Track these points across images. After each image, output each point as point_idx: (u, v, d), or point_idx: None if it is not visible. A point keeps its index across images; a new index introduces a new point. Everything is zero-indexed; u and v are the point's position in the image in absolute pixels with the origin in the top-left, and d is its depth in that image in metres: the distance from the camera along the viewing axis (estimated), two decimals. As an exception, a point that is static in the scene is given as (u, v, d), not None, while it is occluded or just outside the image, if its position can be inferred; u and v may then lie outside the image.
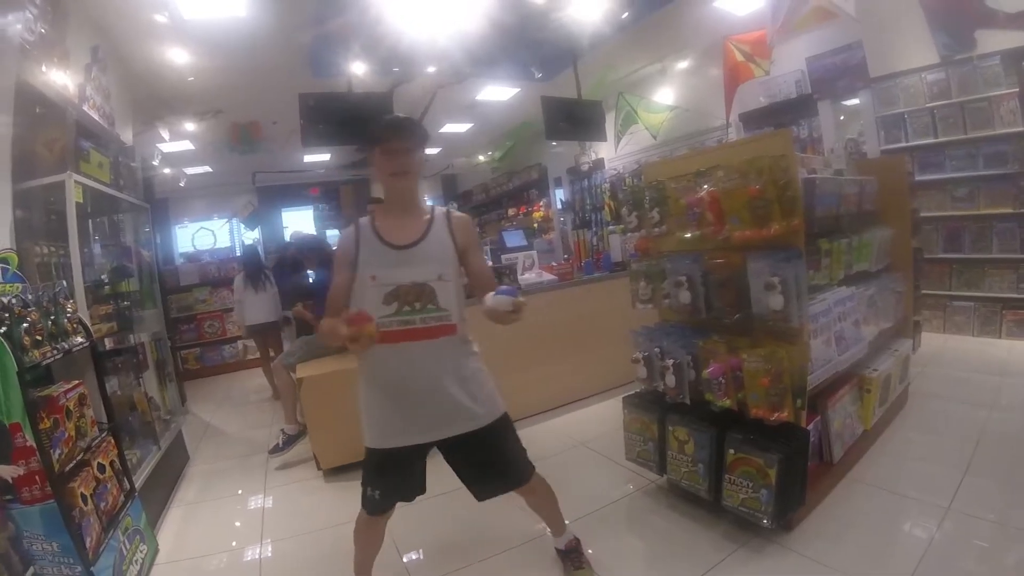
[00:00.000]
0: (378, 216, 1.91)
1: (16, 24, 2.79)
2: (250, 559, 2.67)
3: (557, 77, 6.48)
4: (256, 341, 6.13)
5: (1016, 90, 4.45)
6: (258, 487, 3.51)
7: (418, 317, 1.77)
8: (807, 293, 2.18)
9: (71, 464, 2.12)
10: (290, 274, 5.29)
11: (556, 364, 4.25)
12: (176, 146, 7.08)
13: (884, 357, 3.06)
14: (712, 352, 2.31)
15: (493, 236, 8.51)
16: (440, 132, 8.69)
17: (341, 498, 3.20)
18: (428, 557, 2.27)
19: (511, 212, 11.61)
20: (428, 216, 1.90)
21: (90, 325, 2.71)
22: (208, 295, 7.99)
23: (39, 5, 3.01)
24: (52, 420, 2.04)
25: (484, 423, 1.89)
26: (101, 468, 2.35)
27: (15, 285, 2.30)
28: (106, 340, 3.23)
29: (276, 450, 3.79)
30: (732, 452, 2.26)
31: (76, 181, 2.94)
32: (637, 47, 6.40)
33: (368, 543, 2.07)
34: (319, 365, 3.68)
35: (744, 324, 2.26)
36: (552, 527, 2.24)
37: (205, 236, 10.24)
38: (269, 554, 2.71)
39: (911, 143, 5.14)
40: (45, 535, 1.98)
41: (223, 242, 10.31)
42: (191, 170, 8.50)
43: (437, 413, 1.83)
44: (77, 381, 2.33)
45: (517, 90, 7.32)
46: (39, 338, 2.12)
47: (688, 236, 2.36)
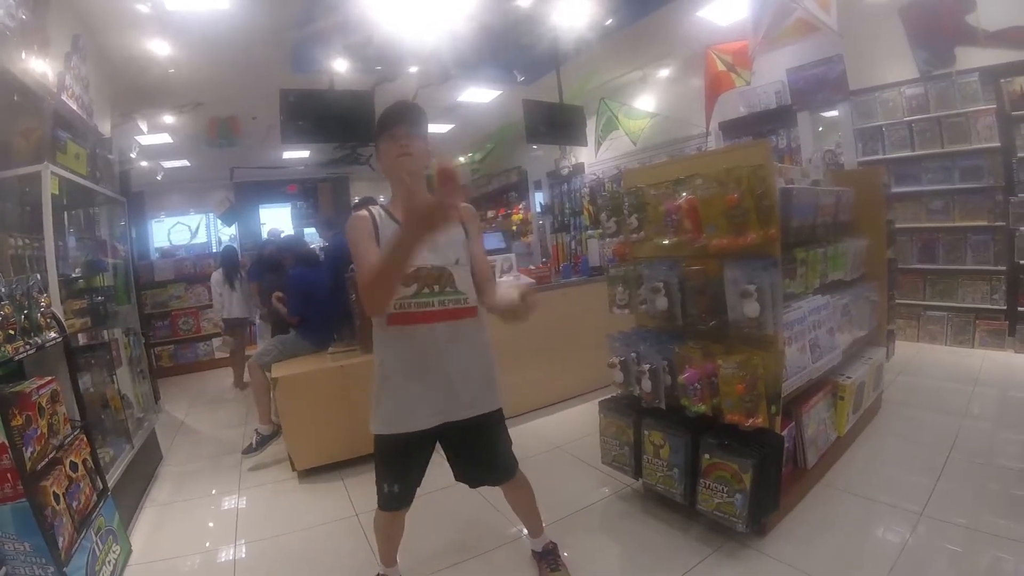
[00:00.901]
0: (392, 203, 1.93)
1: (-3, 9, 2.73)
2: (224, 560, 2.63)
3: (539, 81, 6.50)
4: (232, 335, 6.35)
5: (993, 106, 4.57)
6: (232, 488, 3.46)
7: (436, 299, 1.78)
8: (782, 301, 2.21)
9: (43, 462, 2.07)
10: (268, 273, 5.31)
11: (533, 368, 4.25)
12: (154, 139, 6.97)
13: (858, 365, 3.10)
14: (688, 358, 2.33)
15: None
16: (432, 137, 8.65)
17: (315, 500, 3.18)
18: (402, 563, 2.25)
19: (490, 214, 11.62)
20: None
21: (64, 320, 2.65)
22: (183, 292, 7.88)
23: (21, -10, 2.95)
24: (24, 417, 1.99)
25: (490, 409, 1.93)
26: (74, 467, 2.30)
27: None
28: (79, 336, 3.17)
29: (250, 450, 3.73)
30: (707, 457, 2.28)
31: (52, 172, 2.88)
32: (620, 54, 6.45)
33: (392, 536, 2.09)
34: (294, 365, 3.65)
35: (720, 331, 2.28)
36: (530, 527, 2.24)
37: (181, 231, 10.09)
38: (243, 555, 2.66)
39: (888, 155, 5.25)
40: (17, 535, 1.93)
41: (200, 238, 10.18)
42: (168, 164, 8.38)
43: (453, 394, 1.83)
44: (50, 377, 2.27)
45: (499, 93, 7.33)
46: (12, 332, 2.07)
47: (666, 243, 2.38)
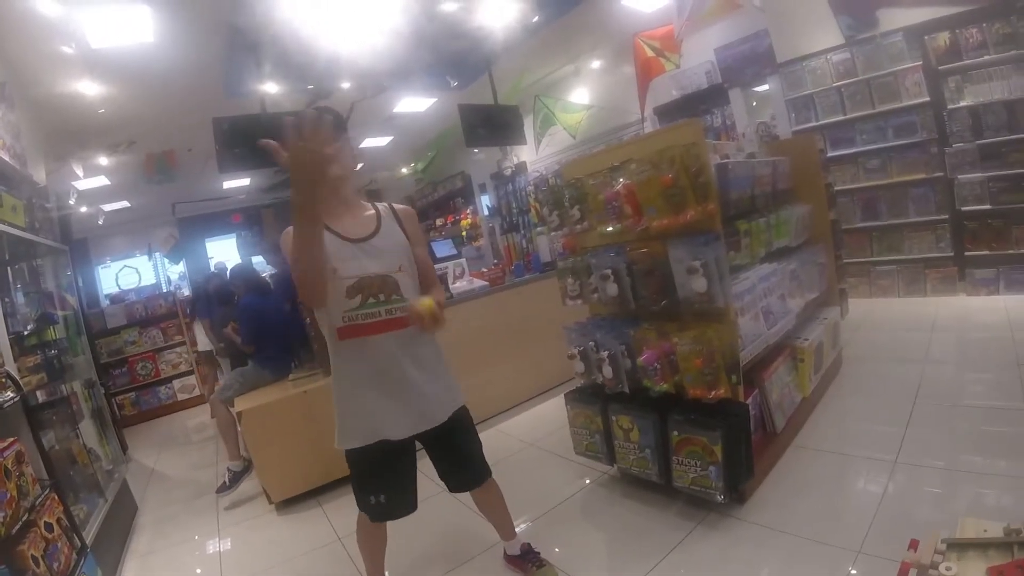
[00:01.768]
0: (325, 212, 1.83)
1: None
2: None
3: (473, 84, 6.52)
4: (208, 366, 6.37)
5: (919, 63, 4.75)
6: (211, 529, 3.38)
7: (383, 308, 1.74)
8: (729, 273, 2.25)
9: (17, 526, 1.99)
10: (217, 307, 5.25)
11: (496, 368, 4.26)
12: (91, 183, 6.77)
13: (814, 326, 3.19)
14: (644, 340, 2.36)
15: (421, 247, 8.51)
16: (360, 147, 8.59)
17: (296, 530, 3.14)
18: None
19: (439, 222, 11.58)
20: (372, 210, 1.88)
21: (19, 378, 2.56)
22: (137, 336, 7.63)
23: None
24: (-9, 482, 1.91)
25: (456, 407, 1.92)
26: (48, 527, 2.22)
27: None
28: (37, 393, 3.06)
29: (223, 489, 3.65)
30: (676, 434, 2.31)
31: (-9, 228, 2.79)
32: (550, 49, 6.52)
33: (376, 547, 2.06)
34: (257, 396, 3.59)
35: (672, 309, 2.32)
36: (503, 531, 2.23)
37: (129, 274, 9.85)
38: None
39: (821, 122, 5.42)
40: (-1, 603, 1.86)
41: (148, 279, 9.95)
42: (108, 206, 8.12)
43: (418, 403, 1.80)
44: (12, 439, 2.19)
45: (434, 100, 7.33)
46: (-33, 395, 1.99)
47: (609, 230, 2.41)
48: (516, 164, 9.12)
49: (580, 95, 7.69)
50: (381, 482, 1.86)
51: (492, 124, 6.23)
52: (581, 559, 2.28)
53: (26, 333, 3.24)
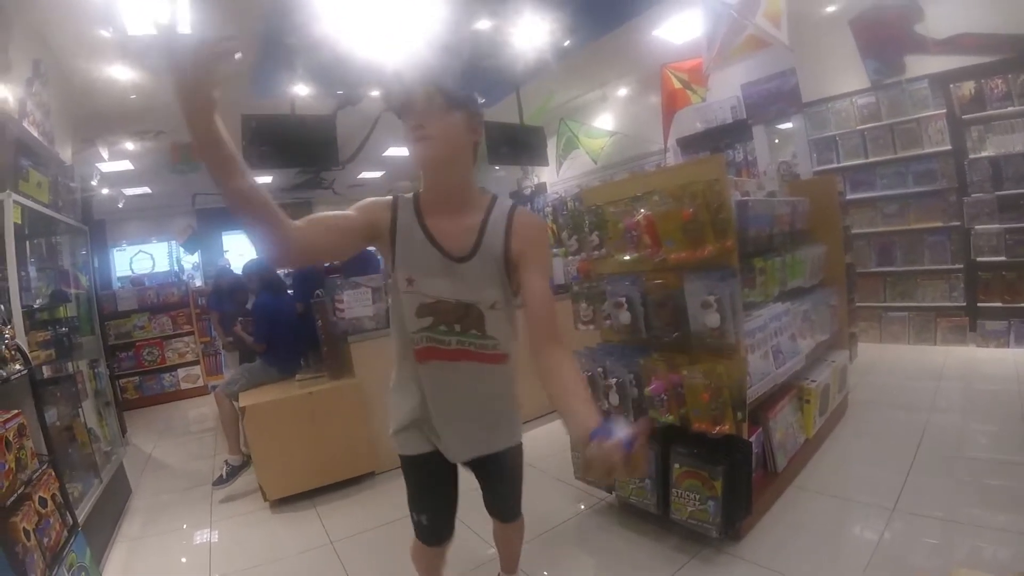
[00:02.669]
0: (423, 202, 1.47)
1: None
2: (196, 596, 2.57)
3: (500, 103, 6.59)
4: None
5: (943, 111, 4.76)
6: (203, 521, 3.38)
7: (455, 339, 1.47)
8: (743, 310, 2.26)
9: (12, 498, 2.00)
10: (227, 302, 5.26)
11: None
12: (115, 166, 6.87)
13: (822, 368, 3.18)
14: (653, 370, 2.37)
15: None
16: (384, 155, 8.66)
17: (288, 530, 3.13)
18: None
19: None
20: (484, 215, 1.46)
21: (28, 352, 2.59)
22: (147, 322, 7.64)
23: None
24: (-9, 452, 1.93)
25: (507, 447, 1.72)
26: (43, 502, 2.23)
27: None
28: (44, 368, 3.10)
29: (220, 482, 3.66)
30: (678, 466, 2.32)
31: (15, 201, 2.85)
32: (578, 74, 6.60)
33: (430, 571, 1.85)
34: (262, 393, 3.60)
35: (683, 342, 2.33)
36: (506, 565, 2.11)
37: (144, 259, 9.94)
38: (216, 590, 2.61)
39: (842, 164, 5.42)
40: (-14, 573, 1.87)
41: (162, 266, 10.02)
42: (130, 191, 8.26)
43: (465, 436, 1.60)
44: (16, 411, 2.21)
45: (460, 115, 7.38)
46: (-25, 365, 2.02)
47: (627, 258, 2.42)
48: (536, 184, 9.17)
49: (604, 121, 7.76)
50: (420, 499, 1.71)
51: (516, 143, 6.28)
52: (573, 585, 2.27)
53: (38, 308, 3.28)
